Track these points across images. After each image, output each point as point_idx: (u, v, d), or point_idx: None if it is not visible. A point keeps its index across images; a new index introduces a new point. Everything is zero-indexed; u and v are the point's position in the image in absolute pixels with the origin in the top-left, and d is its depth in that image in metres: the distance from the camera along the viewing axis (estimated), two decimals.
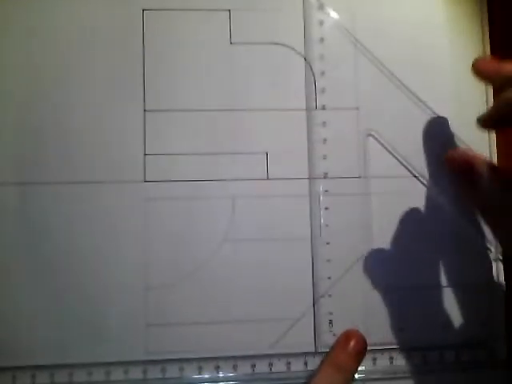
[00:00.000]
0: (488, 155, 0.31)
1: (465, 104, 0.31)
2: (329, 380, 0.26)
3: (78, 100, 0.30)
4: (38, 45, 0.30)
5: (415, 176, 0.31)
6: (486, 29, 0.32)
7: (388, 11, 0.32)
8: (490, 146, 0.31)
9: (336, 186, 0.30)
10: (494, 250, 0.31)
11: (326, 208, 0.30)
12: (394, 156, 0.31)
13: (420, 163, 0.31)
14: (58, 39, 0.30)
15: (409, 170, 0.31)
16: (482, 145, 0.31)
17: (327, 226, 0.30)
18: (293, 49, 0.31)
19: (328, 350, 0.28)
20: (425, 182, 0.31)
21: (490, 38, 0.32)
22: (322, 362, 0.28)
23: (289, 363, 0.29)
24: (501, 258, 0.31)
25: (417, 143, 0.31)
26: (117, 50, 0.30)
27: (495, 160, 0.31)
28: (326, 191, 0.30)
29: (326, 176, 0.30)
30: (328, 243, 0.30)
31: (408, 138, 0.31)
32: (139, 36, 0.30)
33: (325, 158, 0.31)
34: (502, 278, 0.31)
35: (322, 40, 0.31)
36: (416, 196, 0.31)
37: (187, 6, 0.31)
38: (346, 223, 0.30)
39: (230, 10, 0.31)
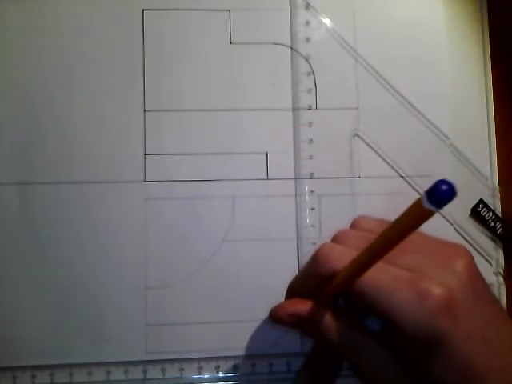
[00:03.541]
0: (488, 156, 0.31)
1: (464, 104, 0.32)
2: None
3: (78, 100, 0.30)
4: (38, 45, 0.30)
5: (401, 176, 0.31)
6: (486, 29, 0.32)
7: (382, 11, 0.32)
8: (490, 145, 0.31)
9: (322, 187, 0.30)
10: (493, 263, 0.31)
11: (312, 208, 0.30)
12: (380, 156, 0.31)
13: (406, 163, 0.31)
14: (58, 39, 0.30)
15: (395, 171, 0.31)
16: (481, 144, 0.31)
17: (312, 226, 0.30)
18: (293, 49, 0.31)
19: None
20: (411, 182, 0.31)
21: (489, 38, 0.32)
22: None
23: (289, 363, 0.29)
24: (501, 271, 0.31)
25: (404, 143, 0.31)
26: (117, 50, 0.30)
27: (495, 161, 0.31)
28: (312, 191, 0.30)
29: (312, 176, 0.31)
30: (315, 243, 0.30)
31: (395, 138, 0.31)
32: (139, 36, 0.30)
33: (311, 158, 0.31)
34: (503, 292, 0.31)
35: (308, 40, 0.31)
36: (403, 196, 0.31)
37: (187, 5, 0.31)
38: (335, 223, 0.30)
39: (229, 10, 0.31)
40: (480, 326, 0.19)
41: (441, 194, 0.15)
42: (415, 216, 0.16)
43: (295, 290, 0.25)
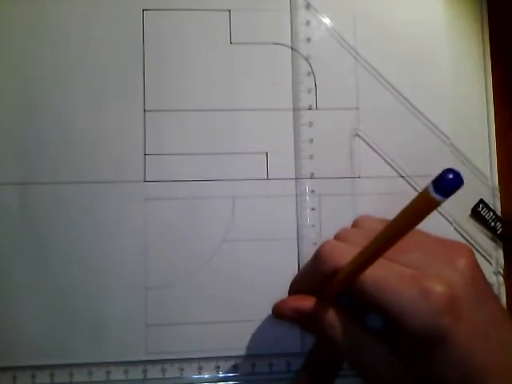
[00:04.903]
0: (488, 156, 0.31)
1: (464, 104, 0.32)
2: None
3: (78, 100, 0.30)
4: (38, 45, 0.30)
5: (402, 176, 0.31)
6: (486, 29, 0.32)
7: (382, 11, 0.32)
8: (489, 145, 0.31)
9: (322, 186, 0.30)
10: (493, 263, 0.31)
11: (313, 208, 0.30)
12: (380, 156, 0.31)
13: (406, 163, 0.31)
14: (58, 39, 0.30)
15: (395, 171, 0.31)
16: (481, 144, 0.31)
17: (313, 226, 0.30)
18: (293, 49, 0.31)
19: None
20: (412, 182, 0.31)
21: (489, 38, 0.32)
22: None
23: (289, 363, 0.29)
24: (501, 271, 0.31)
25: (404, 144, 0.31)
26: (117, 49, 0.30)
27: (495, 161, 0.31)
28: (313, 191, 0.30)
29: (312, 176, 0.31)
30: (315, 244, 0.30)
31: (395, 138, 0.31)
32: (139, 36, 0.30)
33: (311, 158, 0.31)
34: (503, 292, 0.31)
35: (309, 40, 0.31)
36: (403, 196, 0.30)
37: (187, 6, 0.31)
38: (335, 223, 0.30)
39: (229, 10, 0.31)
40: (482, 324, 0.19)
41: (447, 182, 0.15)
42: (422, 206, 0.16)
43: (297, 288, 0.25)
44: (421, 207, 0.16)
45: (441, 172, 0.15)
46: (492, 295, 0.20)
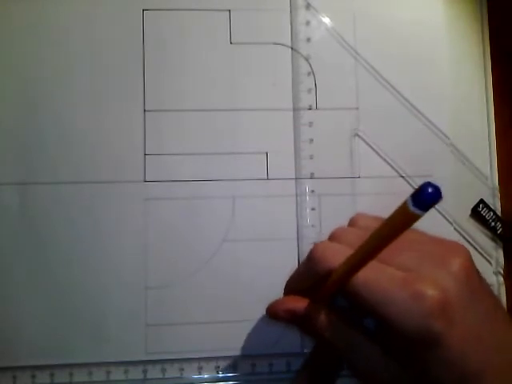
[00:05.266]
0: (488, 156, 0.31)
1: (464, 104, 0.32)
2: None
3: (78, 100, 0.30)
4: (39, 45, 0.30)
5: (402, 176, 0.31)
6: (486, 29, 0.32)
7: (382, 11, 0.32)
8: (489, 145, 0.31)
9: (322, 186, 0.30)
10: (493, 263, 0.31)
11: (313, 208, 0.30)
12: (380, 156, 0.31)
13: (406, 163, 0.31)
14: (58, 39, 0.30)
15: (395, 171, 0.31)
16: (481, 144, 0.31)
17: (313, 226, 0.30)
18: (293, 49, 0.31)
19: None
20: (412, 183, 0.31)
21: (489, 38, 0.32)
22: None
23: (289, 363, 0.29)
24: (501, 271, 0.31)
25: (404, 144, 0.31)
26: (117, 49, 0.30)
27: (495, 161, 0.31)
28: (313, 191, 0.30)
29: (312, 176, 0.31)
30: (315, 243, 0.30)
31: (395, 138, 0.31)
32: (139, 36, 0.30)
33: (311, 158, 0.31)
34: (503, 292, 0.31)
35: (309, 40, 0.31)
36: (403, 196, 0.30)
37: (187, 6, 0.31)
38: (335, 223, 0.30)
39: (229, 10, 0.31)
40: (476, 326, 0.19)
41: (426, 196, 0.14)
42: (402, 219, 0.16)
43: (292, 288, 0.25)
44: (400, 220, 0.16)
45: (420, 185, 0.14)
46: (487, 294, 0.20)
